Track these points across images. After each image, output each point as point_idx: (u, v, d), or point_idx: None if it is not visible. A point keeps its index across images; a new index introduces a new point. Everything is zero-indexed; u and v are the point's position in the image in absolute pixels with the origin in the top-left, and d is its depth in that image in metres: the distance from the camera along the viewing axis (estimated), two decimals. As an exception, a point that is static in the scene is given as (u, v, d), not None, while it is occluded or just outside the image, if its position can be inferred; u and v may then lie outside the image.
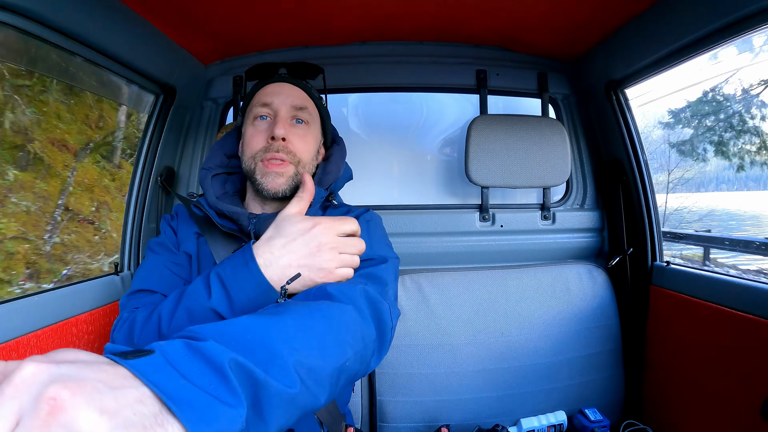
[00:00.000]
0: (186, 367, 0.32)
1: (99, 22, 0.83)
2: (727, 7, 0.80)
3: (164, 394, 0.28)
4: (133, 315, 0.67)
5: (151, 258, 0.79)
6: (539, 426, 1.10)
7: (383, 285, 0.66)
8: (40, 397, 0.24)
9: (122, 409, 0.26)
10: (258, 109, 0.78)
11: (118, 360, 0.30)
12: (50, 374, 0.26)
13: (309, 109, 0.80)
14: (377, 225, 0.80)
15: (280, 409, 0.36)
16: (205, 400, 0.30)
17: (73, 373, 0.26)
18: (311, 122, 0.80)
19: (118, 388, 0.27)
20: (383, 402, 1.13)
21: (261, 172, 0.75)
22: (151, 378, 0.29)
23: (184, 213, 0.84)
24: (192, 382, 0.31)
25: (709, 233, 5.11)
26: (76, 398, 0.24)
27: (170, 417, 0.28)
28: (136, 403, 0.27)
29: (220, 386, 0.32)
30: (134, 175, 1.16)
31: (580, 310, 1.19)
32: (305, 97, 0.80)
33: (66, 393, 0.24)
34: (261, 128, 0.77)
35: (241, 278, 0.59)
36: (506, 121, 1.21)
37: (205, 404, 0.30)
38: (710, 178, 13.10)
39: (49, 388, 0.24)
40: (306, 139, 0.78)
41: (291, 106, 0.77)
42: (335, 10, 1.06)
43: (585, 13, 1.03)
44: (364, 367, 0.54)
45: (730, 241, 4.82)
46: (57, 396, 0.24)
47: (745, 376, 0.88)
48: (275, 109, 0.76)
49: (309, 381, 0.40)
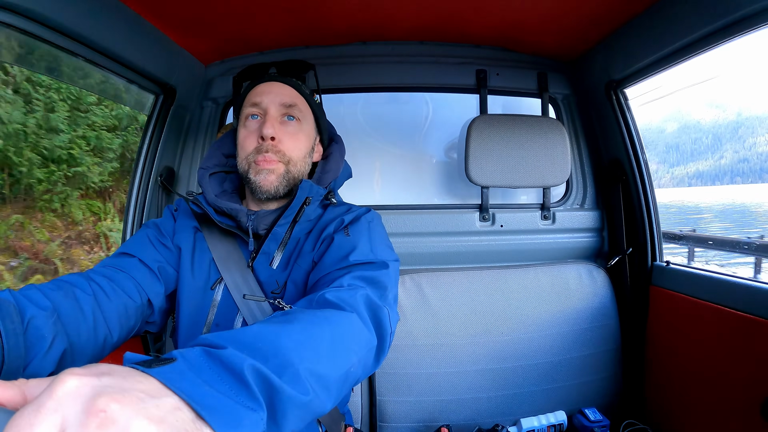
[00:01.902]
0: (207, 373, 0.33)
1: (99, 23, 0.83)
2: (727, 7, 0.80)
3: (194, 402, 0.29)
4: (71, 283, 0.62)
5: (141, 231, 0.81)
6: (539, 426, 1.10)
7: (383, 289, 0.66)
8: (88, 410, 0.25)
9: (166, 417, 0.27)
10: (249, 109, 0.78)
11: (145, 370, 0.30)
12: (93, 386, 0.26)
13: (299, 106, 0.80)
14: (378, 225, 0.80)
15: (293, 414, 0.37)
16: (230, 405, 0.32)
17: (115, 385, 0.27)
18: (303, 119, 0.80)
19: (157, 396, 0.28)
20: (383, 402, 1.13)
21: (254, 171, 0.75)
22: (179, 386, 0.30)
23: (185, 207, 0.85)
24: (215, 388, 0.32)
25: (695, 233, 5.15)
26: (125, 409, 0.25)
27: (203, 422, 0.29)
28: (175, 411, 0.28)
29: (241, 392, 0.33)
30: (134, 175, 1.16)
31: (580, 310, 1.19)
32: (295, 95, 0.80)
33: (115, 405, 0.25)
34: (252, 128, 0.77)
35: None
36: (506, 121, 1.21)
37: (230, 409, 0.31)
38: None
39: (98, 401, 0.25)
40: (297, 137, 0.78)
41: (280, 104, 0.77)
42: (335, 10, 1.07)
43: (585, 13, 1.03)
44: (365, 371, 0.55)
45: (715, 240, 4.93)
46: (107, 408, 0.25)
47: (745, 375, 0.88)
48: (265, 108, 0.77)
49: (318, 387, 0.41)
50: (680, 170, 50.27)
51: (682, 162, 59.47)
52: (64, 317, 0.57)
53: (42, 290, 0.57)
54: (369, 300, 0.59)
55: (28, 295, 0.55)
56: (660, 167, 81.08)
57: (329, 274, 0.68)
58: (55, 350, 0.53)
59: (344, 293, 0.58)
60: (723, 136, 63.49)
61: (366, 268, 0.68)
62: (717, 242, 4.94)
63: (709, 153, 53.48)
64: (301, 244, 0.78)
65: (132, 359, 0.32)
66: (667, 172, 75.34)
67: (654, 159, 76.58)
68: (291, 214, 0.75)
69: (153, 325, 0.77)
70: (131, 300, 0.69)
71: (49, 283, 0.60)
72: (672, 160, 56.53)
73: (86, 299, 0.61)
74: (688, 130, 49.03)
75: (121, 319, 0.66)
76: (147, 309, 0.73)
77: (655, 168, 44.18)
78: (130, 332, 0.70)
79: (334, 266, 0.69)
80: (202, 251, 0.79)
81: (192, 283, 0.77)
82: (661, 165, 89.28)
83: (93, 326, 0.61)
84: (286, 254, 0.77)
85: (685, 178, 54.42)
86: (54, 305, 0.56)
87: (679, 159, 59.86)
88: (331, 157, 0.85)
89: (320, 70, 1.26)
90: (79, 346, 0.58)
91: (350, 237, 0.73)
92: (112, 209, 4.76)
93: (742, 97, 42.72)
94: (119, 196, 4.84)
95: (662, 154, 61.39)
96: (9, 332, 0.48)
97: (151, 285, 0.73)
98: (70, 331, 0.57)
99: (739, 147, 52.38)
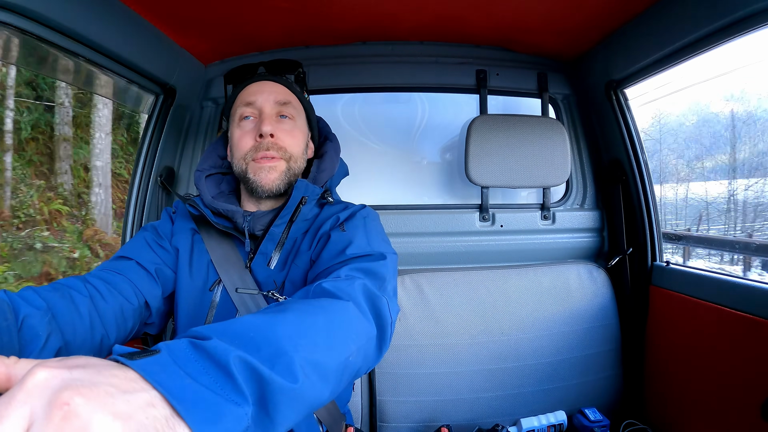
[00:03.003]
0: (191, 366, 0.32)
1: (99, 22, 0.83)
2: (726, 7, 0.80)
3: (171, 396, 0.28)
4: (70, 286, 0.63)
5: (139, 234, 0.81)
6: (539, 426, 1.10)
7: (381, 280, 0.65)
8: (53, 402, 0.24)
9: (135, 413, 0.26)
10: (242, 110, 0.78)
11: (126, 362, 0.30)
12: (62, 379, 0.26)
13: (293, 104, 0.80)
14: (374, 220, 0.80)
15: (286, 405, 0.36)
16: (211, 399, 0.31)
17: (85, 378, 0.26)
18: (297, 117, 0.80)
19: (130, 392, 0.27)
20: (383, 402, 1.13)
21: (253, 170, 0.75)
22: (158, 379, 0.29)
23: (183, 209, 0.85)
24: (197, 381, 0.31)
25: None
26: (89, 403, 0.25)
27: (179, 419, 0.28)
28: (147, 407, 0.27)
29: (225, 384, 0.32)
30: (134, 175, 1.16)
31: (580, 310, 1.19)
32: (288, 93, 0.80)
33: (79, 398, 0.25)
34: (247, 128, 0.77)
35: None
36: (506, 121, 1.21)
37: (210, 403, 0.30)
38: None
39: (62, 393, 0.25)
40: (293, 133, 0.79)
41: (275, 102, 0.78)
42: (335, 10, 1.06)
43: (585, 13, 1.03)
44: (366, 362, 0.54)
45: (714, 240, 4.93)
46: (70, 401, 0.24)
47: (745, 376, 0.88)
48: (259, 107, 0.77)
49: (314, 376, 0.40)
50: (699, 164, 49.83)
51: (701, 156, 58.91)
52: (59, 317, 0.57)
53: (37, 291, 0.57)
54: (367, 289, 0.58)
55: (23, 295, 0.55)
56: (678, 162, 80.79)
57: (326, 269, 0.68)
58: (50, 348, 0.53)
59: (341, 283, 0.57)
60: (741, 129, 61.97)
61: (363, 260, 0.67)
62: (717, 242, 4.94)
63: (727, 146, 52.46)
64: (298, 243, 0.78)
65: (119, 351, 0.31)
66: (686, 166, 75.28)
67: (672, 154, 77.11)
68: (287, 214, 0.74)
69: (152, 327, 0.77)
70: (128, 302, 0.69)
71: (46, 285, 0.61)
72: (690, 154, 55.91)
73: (82, 301, 0.62)
74: (708, 123, 48.21)
75: (117, 321, 0.66)
76: (144, 311, 0.73)
77: (674, 163, 43.90)
78: (128, 334, 0.70)
79: (331, 261, 0.68)
80: (200, 253, 0.79)
81: (190, 285, 0.77)
82: (680, 160, 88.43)
83: (89, 327, 0.61)
84: (283, 254, 0.77)
85: (704, 172, 54.05)
86: (49, 305, 0.56)
87: (698, 153, 59.34)
88: (326, 156, 0.85)
89: (320, 70, 1.25)
90: (75, 346, 0.58)
91: (346, 232, 0.73)
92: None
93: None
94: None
95: (681, 148, 60.88)
96: (3, 329, 0.48)
97: (148, 287, 0.73)
98: (66, 331, 0.57)
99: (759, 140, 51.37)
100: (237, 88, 0.83)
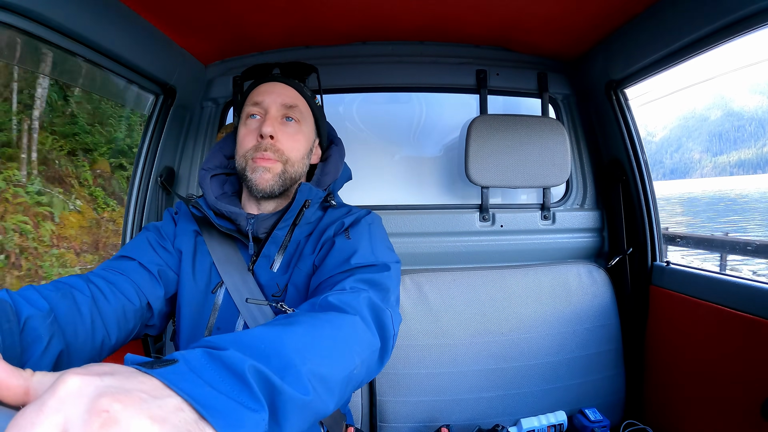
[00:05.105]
0: (209, 374, 0.33)
1: (99, 22, 0.83)
2: (726, 7, 0.80)
3: (196, 402, 0.29)
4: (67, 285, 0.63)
5: (141, 234, 0.81)
6: (539, 426, 1.10)
7: (386, 291, 0.66)
8: (90, 409, 0.24)
9: (169, 417, 0.27)
10: (250, 108, 0.79)
11: (147, 371, 0.30)
12: (96, 386, 0.26)
13: (300, 108, 0.80)
14: (379, 227, 0.80)
15: (295, 415, 0.37)
16: (232, 406, 0.31)
17: (117, 385, 0.27)
18: (303, 121, 0.80)
19: (159, 397, 0.28)
20: (383, 402, 1.13)
21: (251, 169, 0.75)
22: (181, 387, 0.30)
23: (185, 210, 0.84)
24: (217, 389, 0.32)
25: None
26: (127, 409, 0.25)
27: (205, 423, 0.29)
28: (178, 411, 0.28)
29: (242, 392, 0.33)
30: (134, 175, 1.16)
31: (580, 310, 1.19)
32: (297, 96, 0.80)
33: (117, 405, 0.25)
34: (252, 127, 0.77)
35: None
36: (506, 121, 1.21)
37: (232, 410, 0.31)
38: None
39: (100, 400, 0.25)
40: (296, 137, 0.79)
41: (281, 104, 0.78)
42: (335, 10, 1.06)
43: (585, 13, 1.03)
44: (369, 374, 0.55)
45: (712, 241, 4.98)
46: (109, 408, 0.25)
47: (745, 375, 0.88)
48: (266, 108, 0.77)
49: (320, 389, 0.41)
50: (723, 159, 50.33)
51: (725, 150, 59.66)
52: (61, 318, 0.57)
53: (39, 291, 0.57)
54: (372, 303, 0.59)
55: (25, 295, 0.54)
56: (703, 156, 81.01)
57: (331, 278, 0.68)
58: (52, 351, 0.53)
59: (347, 296, 0.58)
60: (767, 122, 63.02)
61: (368, 270, 0.68)
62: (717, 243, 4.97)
63: (752, 140, 53.21)
64: (301, 246, 0.78)
65: (133, 360, 0.32)
66: (710, 161, 75.73)
67: (697, 148, 76.65)
68: (291, 217, 0.75)
69: (152, 328, 0.77)
70: (130, 303, 0.69)
71: (47, 284, 0.60)
72: (715, 149, 56.56)
73: (84, 301, 0.61)
74: (731, 117, 48.41)
75: (119, 322, 0.66)
76: (146, 312, 0.73)
77: (698, 158, 44.25)
78: (128, 335, 0.70)
79: (335, 270, 0.69)
80: (202, 254, 0.79)
81: (193, 287, 0.77)
82: (705, 154, 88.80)
83: (90, 328, 0.61)
84: (286, 257, 0.77)
85: (727, 167, 54.69)
86: (51, 306, 0.56)
87: (722, 148, 59.98)
88: (330, 159, 0.85)
89: (320, 70, 1.25)
90: (76, 347, 0.58)
91: (351, 240, 0.73)
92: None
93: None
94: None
95: (705, 143, 61.42)
96: (5, 332, 0.47)
97: (150, 288, 0.73)
98: (67, 332, 0.57)
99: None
100: (249, 86, 0.83)
